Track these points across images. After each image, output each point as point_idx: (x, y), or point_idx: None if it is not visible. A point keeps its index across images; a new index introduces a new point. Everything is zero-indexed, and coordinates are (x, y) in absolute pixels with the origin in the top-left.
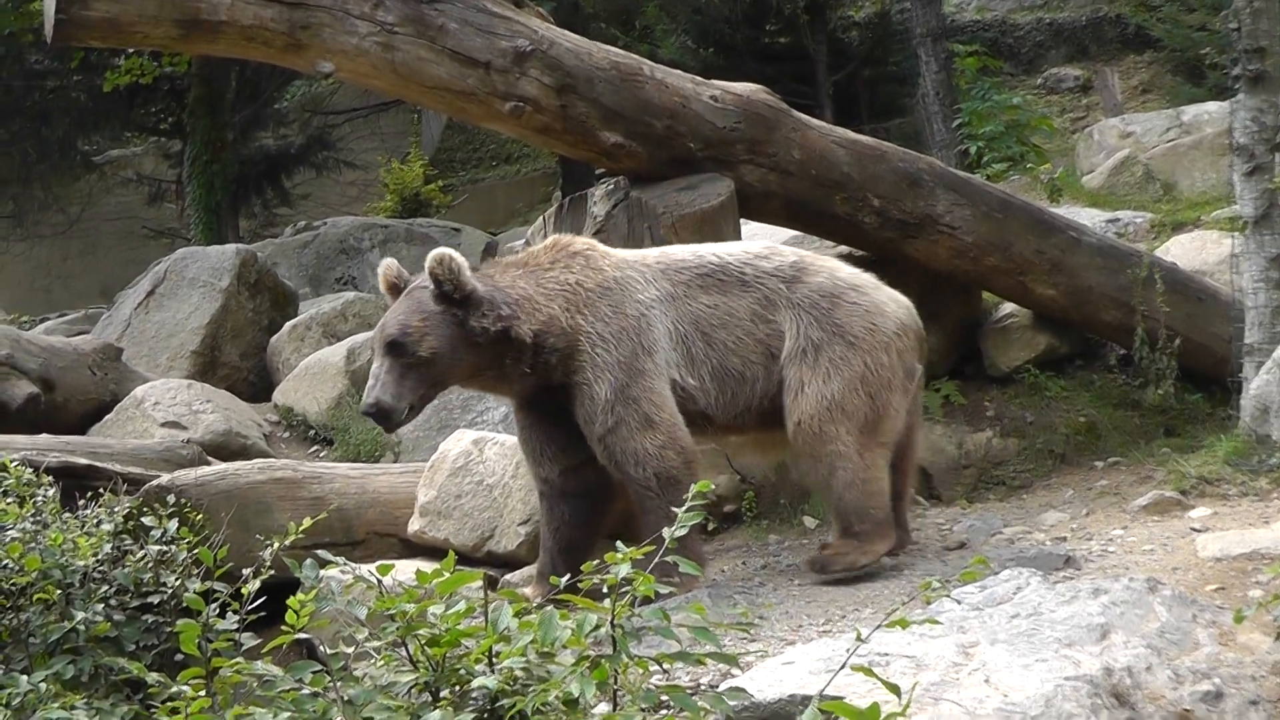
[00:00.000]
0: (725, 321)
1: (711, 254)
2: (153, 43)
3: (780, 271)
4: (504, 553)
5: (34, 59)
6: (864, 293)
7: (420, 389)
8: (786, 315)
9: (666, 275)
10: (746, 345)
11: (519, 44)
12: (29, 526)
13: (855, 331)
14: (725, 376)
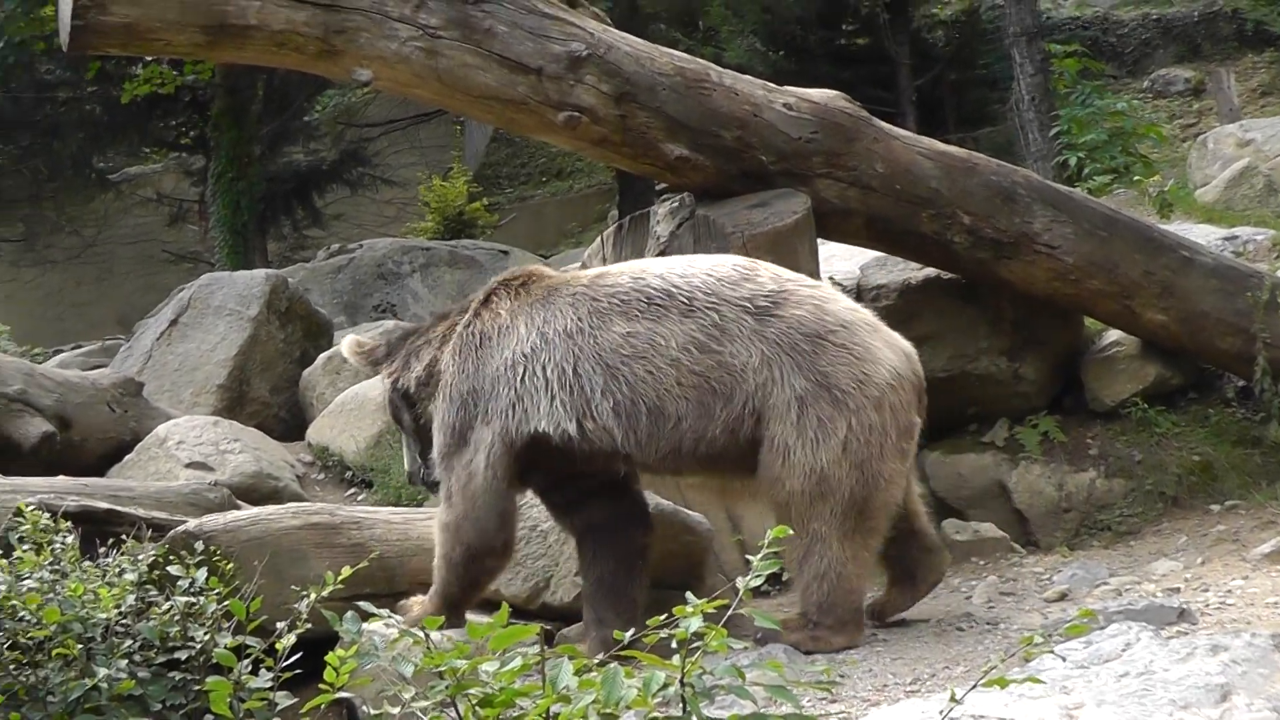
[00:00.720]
0: (642, 351)
1: (656, 276)
2: (176, 50)
3: (749, 300)
4: (560, 605)
5: (46, 68)
6: (854, 333)
7: (416, 448)
8: (752, 351)
9: (581, 303)
10: (669, 377)
11: (574, 48)
12: (47, 576)
13: (843, 384)
14: (636, 413)
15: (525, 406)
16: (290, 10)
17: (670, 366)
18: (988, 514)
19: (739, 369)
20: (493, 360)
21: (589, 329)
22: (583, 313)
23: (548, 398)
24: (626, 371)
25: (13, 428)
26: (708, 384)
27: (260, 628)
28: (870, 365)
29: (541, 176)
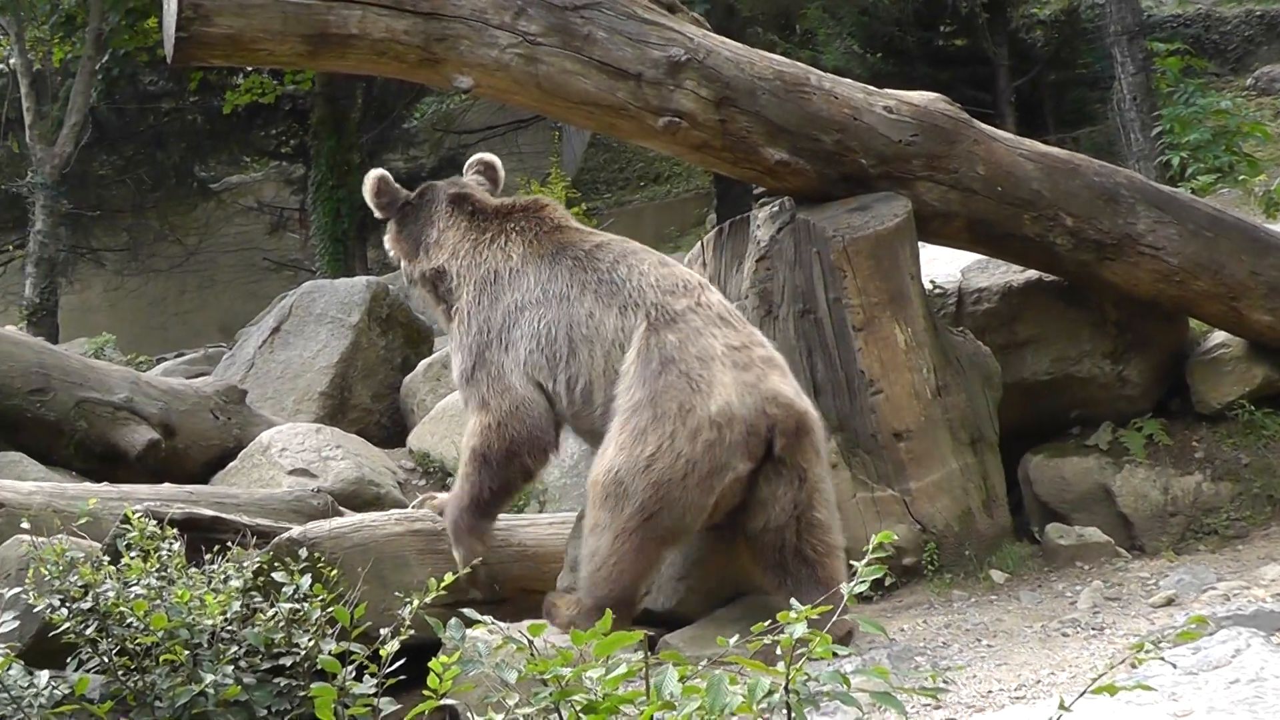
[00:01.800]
0: (591, 337)
1: (624, 266)
2: (278, 60)
3: (655, 309)
4: (660, 610)
5: (149, 80)
6: (706, 365)
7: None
8: (631, 356)
9: (573, 272)
10: (600, 366)
11: (673, 53)
12: (154, 583)
13: (666, 406)
14: (574, 388)
15: (527, 346)
16: (391, 19)
17: (603, 357)
18: (1091, 518)
19: (625, 373)
20: (504, 298)
21: (573, 299)
22: (575, 281)
23: (536, 348)
24: (582, 350)
25: (119, 435)
26: (615, 380)
27: (364, 634)
28: (700, 397)
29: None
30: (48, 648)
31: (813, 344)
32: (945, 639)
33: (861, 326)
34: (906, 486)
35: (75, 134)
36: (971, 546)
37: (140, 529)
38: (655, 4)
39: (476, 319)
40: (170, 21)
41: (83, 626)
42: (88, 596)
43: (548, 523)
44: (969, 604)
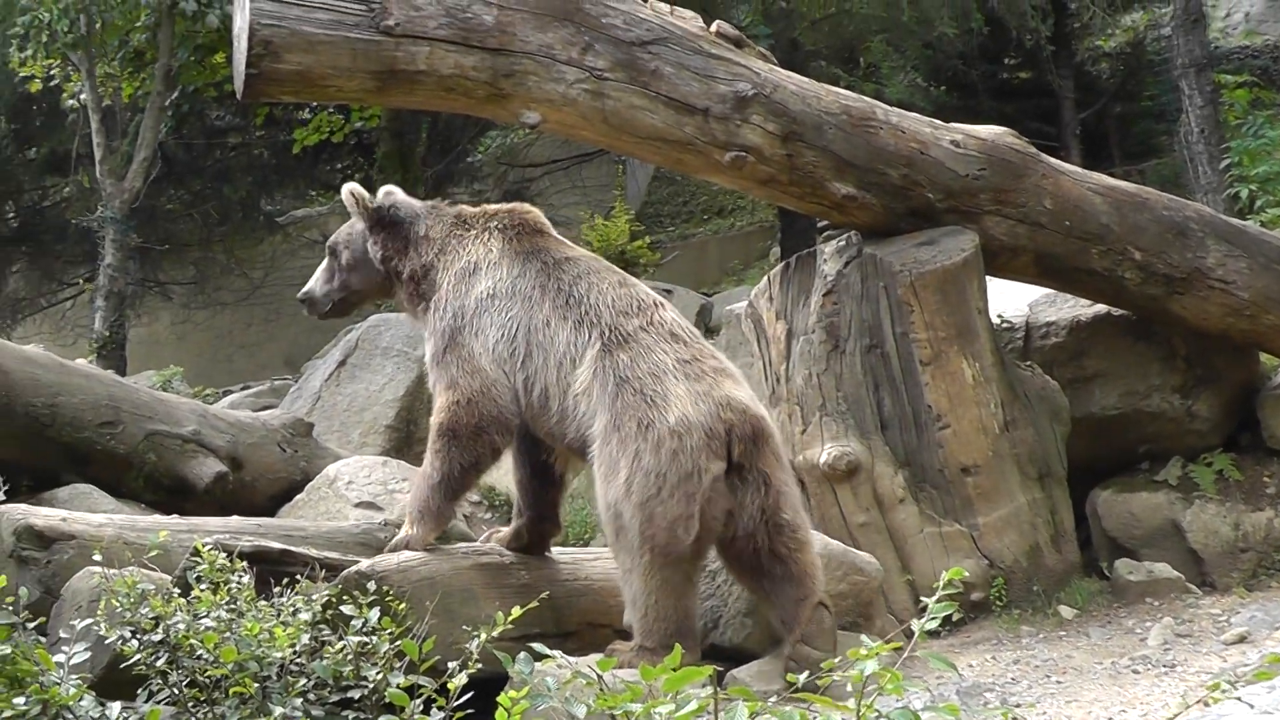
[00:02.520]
0: (545, 345)
1: (585, 282)
2: (347, 96)
3: (607, 330)
4: (728, 645)
5: (216, 115)
6: (659, 380)
7: (342, 292)
8: (583, 379)
9: (543, 275)
10: (552, 377)
11: (740, 88)
12: (224, 615)
13: (628, 426)
14: (532, 390)
15: (495, 335)
16: (459, 55)
17: (555, 367)
18: (1161, 554)
19: (577, 393)
20: (477, 287)
21: (534, 301)
22: (538, 285)
23: (502, 338)
24: (536, 355)
25: (187, 468)
26: (565, 395)
27: (432, 667)
28: (658, 411)
29: (703, 214)
30: (119, 679)
31: (879, 378)
32: (1014, 675)
33: (928, 361)
34: (974, 521)
35: (144, 169)
36: (1040, 582)
37: (210, 561)
38: (722, 39)
39: (451, 305)
40: (241, 58)
41: (153, 658)
42: (158, 628)
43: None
44: (1038, 640)
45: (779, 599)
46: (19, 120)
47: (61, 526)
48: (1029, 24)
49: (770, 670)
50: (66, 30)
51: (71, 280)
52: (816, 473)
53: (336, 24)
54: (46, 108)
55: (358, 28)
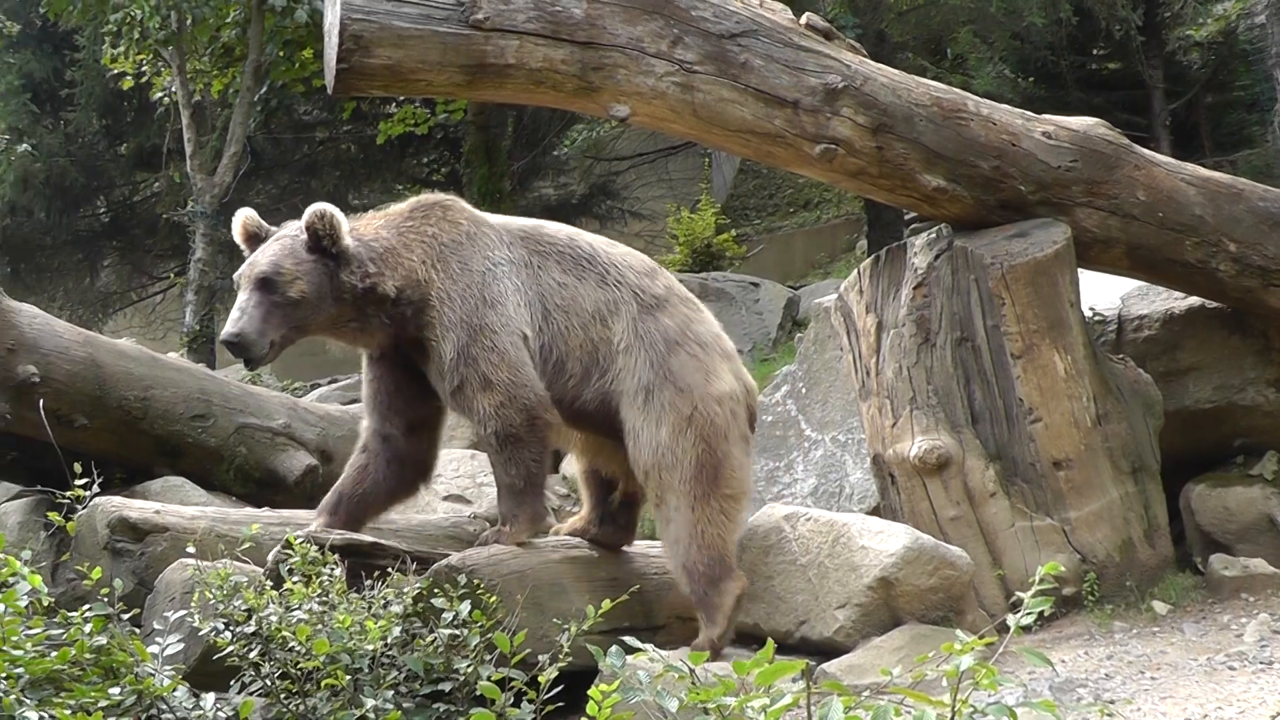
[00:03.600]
0: (567, 306)
1: (586, 242)
2: (436, 90)
3: (641, 292)
4: (819, 639)
5: (304, 110)
6: (706, 352)
7: (283, 329)
8: (624, 335)
9: (525, 243)
10: (577, 337)
11: (830, 80)
12: (316, 608)
13: (688, 380)
14: (549, 357)
15: (514, 303)
16: (548, 48)
17: (580, 328)
18: (1257, 549)
19: (614, 349)
20: (475, 260)
21: (535, 266)
22: (531, 249)
23: (521, 302)
24: (554, 318)
25: (278, 461)
26: (595, 352)
27: (522, 660)
28: (713, 377)
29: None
30: (212, 670)
31: (970, 372)
32: (1107, 671)
33: (1020, 354)
34: (1066, 516)
35: (234, 164)
36: (1133, 577)
37: (302, 554)
38: (812, 31)
39: (457, 289)
40: (331, 53)
41: (246, 650)
42: (251, 620)
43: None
44: (1131, 635)
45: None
46: (110, 116)
47: (155, 519)
48: (1118, 14)
49: (860, 664)
50: (158, 27)
51: (162, 274)
52: (907, 466)
53: (426, 18)
54: (137, 104)
55: (447, 22)
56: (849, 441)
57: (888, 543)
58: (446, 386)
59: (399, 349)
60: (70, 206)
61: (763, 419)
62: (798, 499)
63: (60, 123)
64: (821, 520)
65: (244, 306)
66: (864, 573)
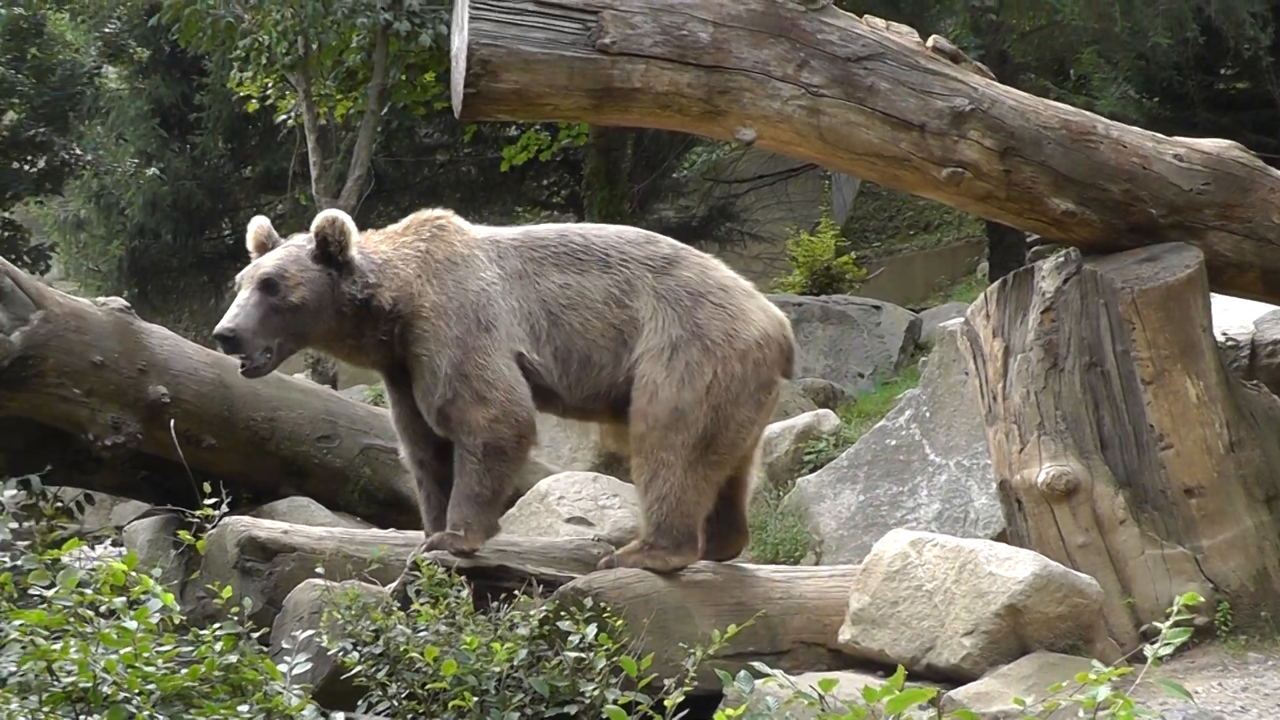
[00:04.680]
0: (575, 302)
1: (577, 234)
2: (562, 114)
3: (651, 259)
4: (945, 666)
5: (425, 133)
6: (731, 295)
7: (279, 335)
8: (648, 303)
9: (519, 252)
10: (595, 328)
11: (957, 103)
12: (443, 629)
13: (714, 335)
14: (570, 358)
15: (508, 323)
16: (674, 72)
17: (596, 318)
18: None
19: (641, 322)
20: (470, 280)
21: (532, 274)
22: (526, 259)
23: (515, 321)
24: (564, 319)
25: (402, 482)
26: (620, 335)
27: (648, 684)
28: (741, 323)
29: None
30: (339, 690)
31: (1099, 397)
32: (1243, 703)
33: (1151, 380)
34: (1198, 544)
35: (359, 187)
36: (1267, 607)
37: (429, 576)
38: (938, 54)
39: (452, 306)
40: (459, 78)
41: (374, 670)
42: (379, 641)
43: (828, 575)
44: (1266, 667)
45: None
46: (236, 140)
47: (283, 539)
48: (1247, 33)
49: (988, 692)
50: (285, 52)
51: None
52: (1035, 492)
53: (553, 43)
54: (262, 127)
55: (574, 46)
56: (974, 466)
57: (1015, 569)
58: (436, 400)
59: (397, 370)
60: (196, 229)
61: (886, 443)
62: (921, 524)
63: (187, 147)
64: (948, 546)
65: (243, 304)
66: (991, 599)
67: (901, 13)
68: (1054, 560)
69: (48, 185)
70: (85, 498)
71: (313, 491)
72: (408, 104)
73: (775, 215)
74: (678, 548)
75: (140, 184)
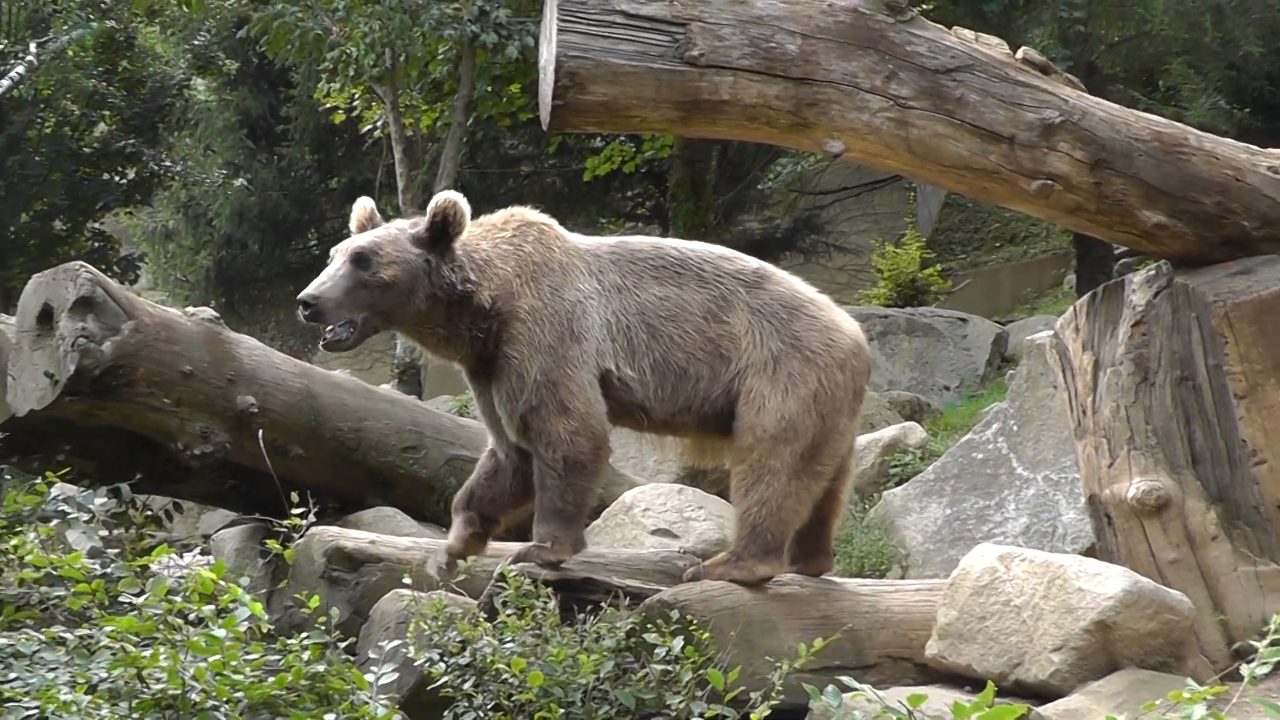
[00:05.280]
0: (674, 315)
1: (672, 247)
2: (650, 126)
3: (742, 274)
4: (1033, 682)
5: (509, 144)
6: (820, 308)
7: (364, 310)
8: (743, 319)
9: (617, 265)
10: (694, 342)
11: (1047, 115)
12: (529, 640)
13: (813, 346)
14: (667, 370)
15: (598, 339)
16: (762, 85)
17: (695, 332)
18: None
19: (738, 337)
20: (567, 289)
21: (630, 287)
22: (624, 271)
23: (608, 338)
24: (663, 331)
25: None
26: (719, 350)
27: (734, 698)
28: (836, 333)
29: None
30: (425, 700)
31: (1191, 412)
32: None
33: (1244, 394)
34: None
35: None
36: None
37: (516, 587)
38: (1029, 65)
39: (547, 312)
40: (546, 90)
41: (460, 681)
42: (465, 652)
43: (914, 589)
44: None
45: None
46: (322, 151)
47: (370, 549)
48: None
49: (1077, 709)
50: (372, 64)
51: None
52: (1124, 508)
53: (641, 55)
54: (348, 138)
55: (662, 58)
56: (1062, 480)
57: (1106, 585)
58: (520, 406)
59: (487, 366)
60: (283, 239)
61: (972, 456)
62: (1009, 538)
63: (274, 157)
64: (1037, 561)
65: (332, 274)
66: (1081, 615)
67: (988, 23)
68: (1144, 576)
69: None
70: (174, 506)
71: (398, 502)
72: (493, 115)
73: (860, 227)
74: (765, 556)
75: (228, 195)
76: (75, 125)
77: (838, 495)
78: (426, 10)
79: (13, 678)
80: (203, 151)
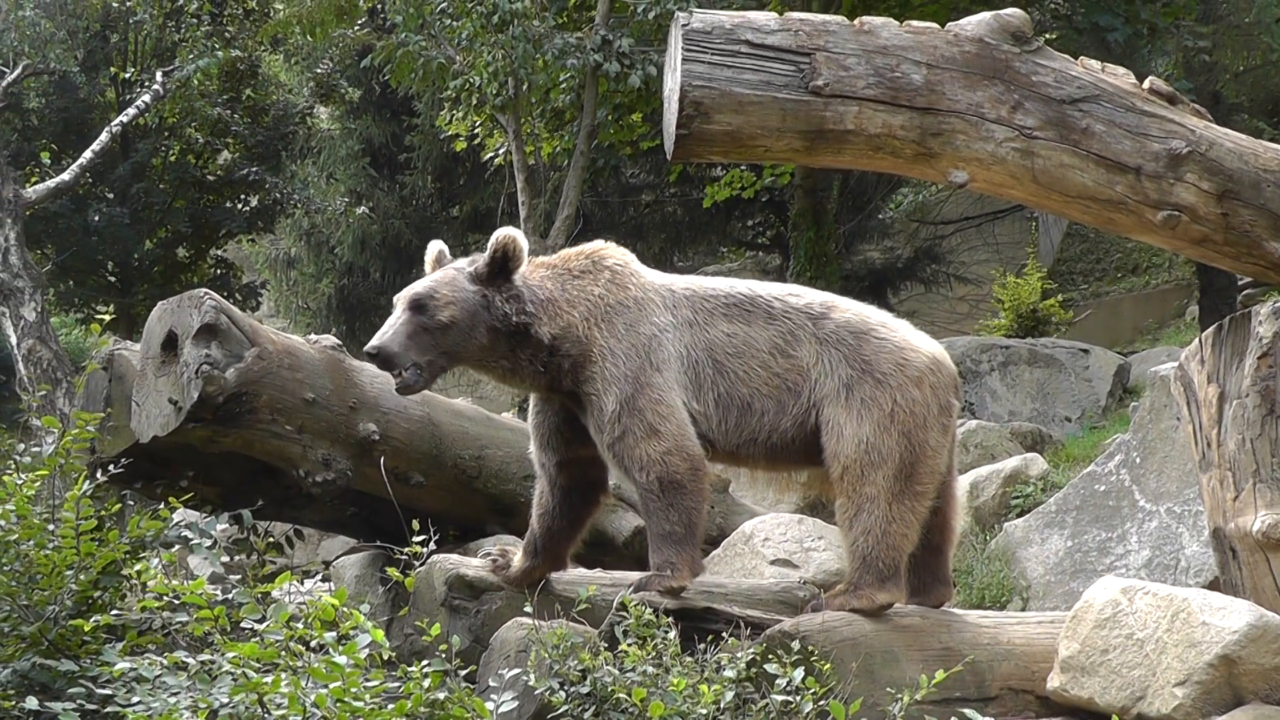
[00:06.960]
0: (741, 351)
1: (744, 287)
2: (775, 155)
3: (809, 308)
4: (1156, 716)
5: (630, 173)
6: (891, 330)
7: (429, 353)
8: (811, 351)
9: (690, 302)
10: (759, 377)
11: (1173, 146)
12: (650, 670)
13: (884, 368)
14: (731, 404)
15: (676, 370)
16: (887, 114)
17: (761, 368)
18: None
19: (806, 369)
20: (642, 324)
21: (701, 324)
22: (696, 308)
23: (681, 369)
24: (729, 367)
25: (606, 522)
26: (785, 384)
27: None
28: (909, 352)
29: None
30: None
31: None
32: None
33: None
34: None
35: (567, 226)
36: None
37: (637, 616)
38: (1155, 95)
39: (622, 347)
40: (671, 119)
41: (580, 710)
42: (585, 680)
43: (1036, 621)
44: None
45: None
46: (444, 179)
47: (491, 578)
48: None
49: None
50: (495, 93)
51: None
52: (1250, 541)
53: (765, 84)
54: (470, 166)
55: (786, 88)
56: (1185, 513)
57: (1230, 619)
58: (606, 438)
59: (560, 394)
60: (404, 267)
61: (1094, 488)
62: (1131, 571)
63: (396, 185)
64: (1160, 594)
65: (393, 323)
66: (1204, 649)
67: (1112, 53)
68: (1269, 610)
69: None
70: (295, 532)
71: (519, 529)
72: (614, 143)
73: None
74: (882, 583)
75: (350, 222)
76: (199, 153)
77: (948, 521)
78: (550, 40)
79: (135, 702)
80: (325, 179)
